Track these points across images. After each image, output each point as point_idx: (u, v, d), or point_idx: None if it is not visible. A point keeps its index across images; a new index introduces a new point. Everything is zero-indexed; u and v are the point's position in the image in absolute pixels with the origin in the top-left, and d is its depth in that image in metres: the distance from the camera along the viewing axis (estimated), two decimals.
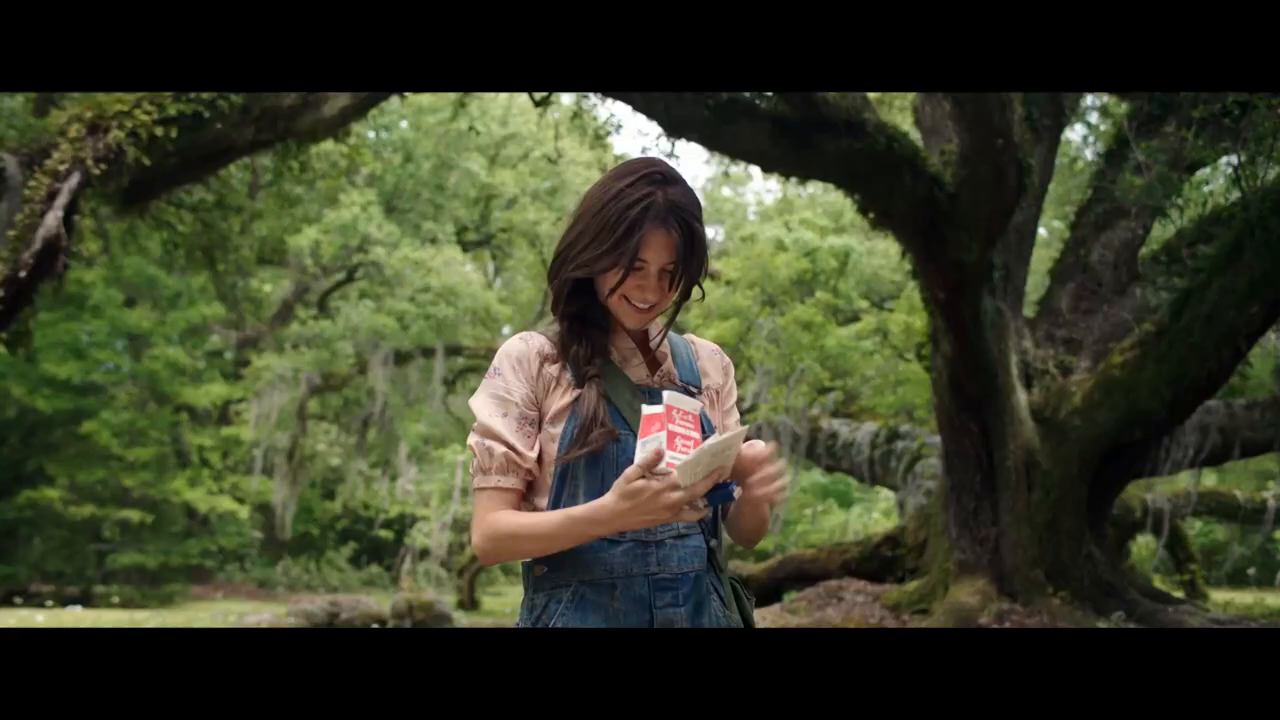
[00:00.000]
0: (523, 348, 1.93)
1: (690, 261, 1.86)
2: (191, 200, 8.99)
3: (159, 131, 5.91)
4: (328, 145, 9.41)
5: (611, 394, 1.88)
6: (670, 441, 1.71)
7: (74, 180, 5.56)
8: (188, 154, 7.10)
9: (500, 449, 1.86)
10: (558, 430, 1.87)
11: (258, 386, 18.58)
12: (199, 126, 6.52)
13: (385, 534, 25.66)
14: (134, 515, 20.41)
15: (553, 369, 1.90)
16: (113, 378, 20.93)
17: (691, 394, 1.96)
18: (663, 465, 1.69)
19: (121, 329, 20.90)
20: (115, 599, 19.24)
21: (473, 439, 1.90)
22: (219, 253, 10.47)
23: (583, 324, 1.93)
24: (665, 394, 1.75)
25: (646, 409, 1.76)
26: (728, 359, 2.10)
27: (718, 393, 2.04)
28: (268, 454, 19.85)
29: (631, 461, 1.75)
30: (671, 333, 2.05)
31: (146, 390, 21.00)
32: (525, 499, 1.90)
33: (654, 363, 1.99)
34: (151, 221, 8.77)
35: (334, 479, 24.38)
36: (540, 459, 1.89)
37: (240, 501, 22.38)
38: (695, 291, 1.96)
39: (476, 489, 1.89)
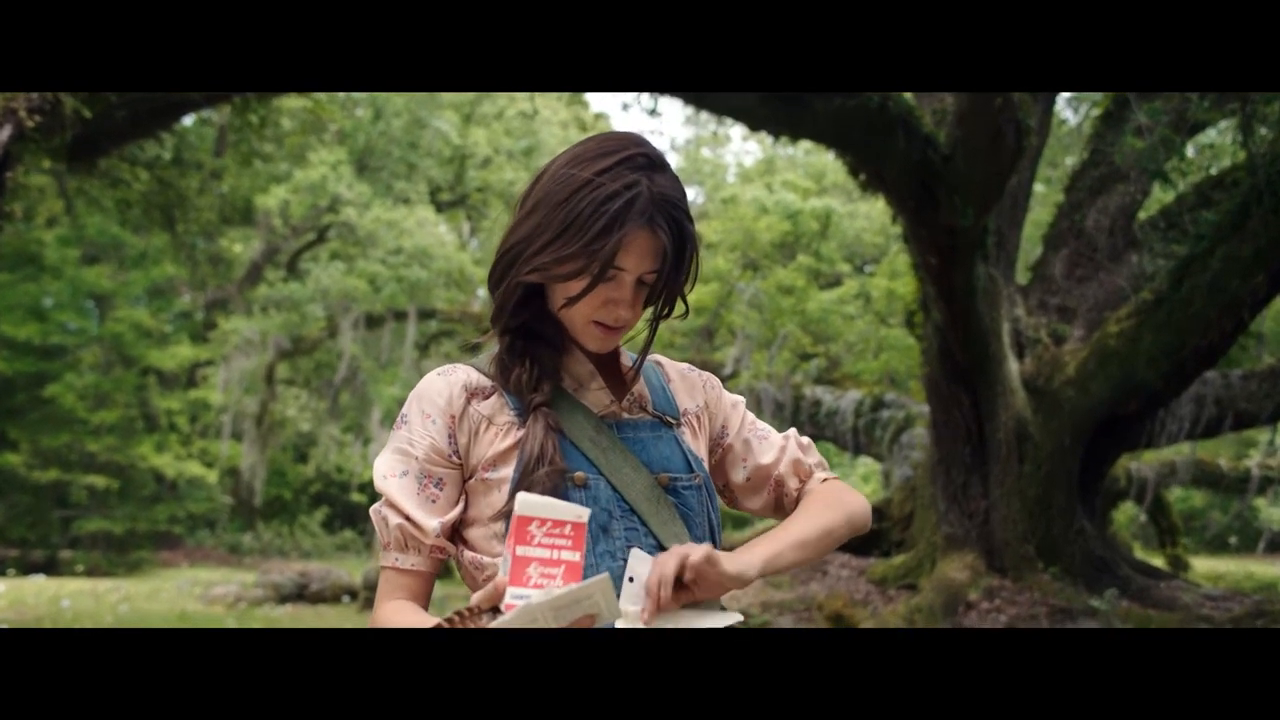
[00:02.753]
0: (438, 386, 1.51)
1: (678, 270, 1.45)
2: (147, 157, 8.49)
3: (95, 91, 5.44)
4: (292, 100, 8.94)
5: (568, 428, 1.47)
6: (517, 571, 1.25)
7: (5, 133, 5.11)
8: (137, 107, 6.63)
9: (396, 520, 1.47)
10: (503, 475, 1.46)
11: (225, 350, 18.10)
12: None
13: (359, 498, 25.32)
14: (100, 480, 19.96)
15: (483, 405, 1.49)
16: (74, 339, 20.40)
17: (669, 424, 1.56)
18: (503, 606, 1.25)
19: (82, 289, 20.36)
20: (80, 567, 18.84)
21: (374, 506, 1.51)
22: (178, 212, 9.98)
23: (527, 340, 1.52)
24: (519, 498, 1.28)
25: (520, 500, 1.29)
26: (706, 375, 1.69)
27: (697, 417, 1.63)
28: (236, 419, 19.41)
29: (607, 513, 1.40)
30: (634, 355, 1.63)
31: (111, 352, 20.49)
32: (473, 564, 1.50)
33: (620, 387, 1.58)
34: (104, 179, 8.28)
35: (306, 443, 23.99)
36: (469, 520, 1.50)
37: (209, 466, 21.95)
38: (678, 307, 1.53)
39: (380, 566, 1.52)
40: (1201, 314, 8.26)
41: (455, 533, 1.51)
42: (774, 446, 1.67)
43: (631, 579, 1.34)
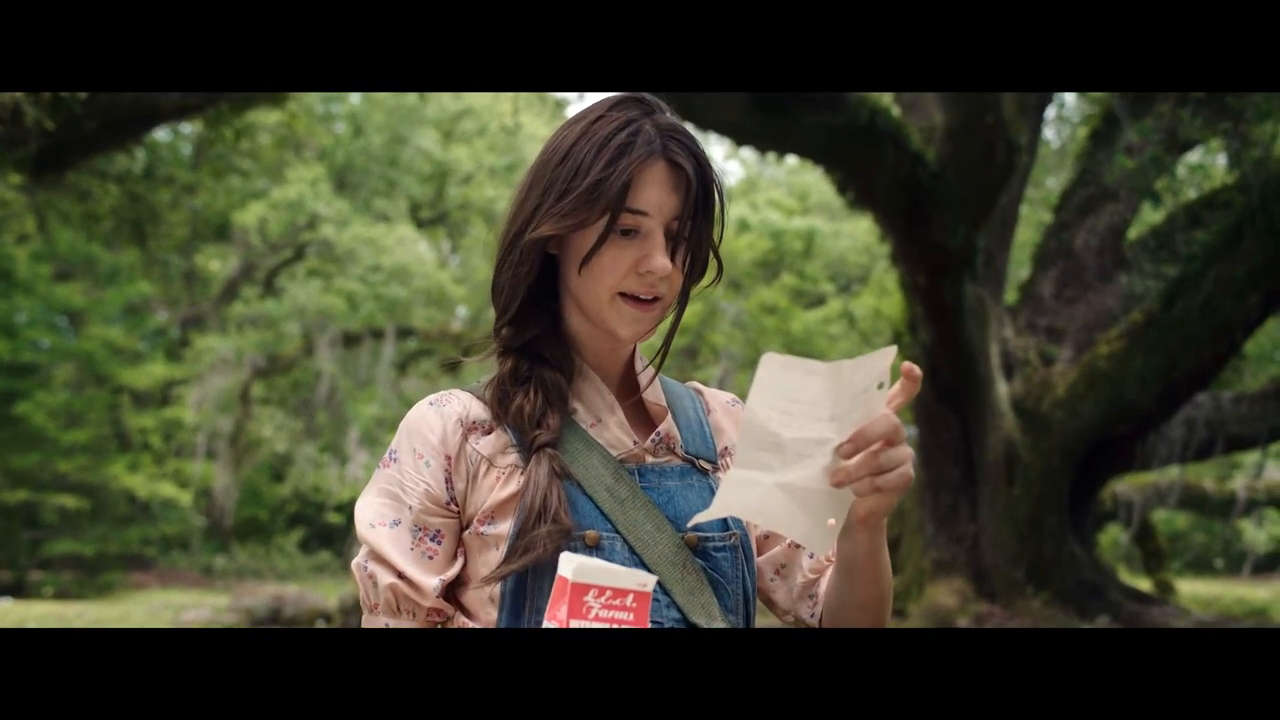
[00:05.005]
0: (430, 419, 1.25)
1: (704, 210, 1.21)
2: (117, 170, 8.25)
3: (64, 92, 5.21)
4: (268, 115, 8.74)
5: (581, 473, 1.22)
6: None
7: None
8: (106, 118, 6.42)
9: (387, 579, 1.22)
10: (500, 530, 1.21)
11: (199, 369, 17.81)
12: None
13: (336, 519, 24.98)
14: (71, 501, 19.57)
15: (483, 443, 1.24)
16: (46, 357, 20.05)
17: (704, 470, 1.30)
18: None
19: (55, 306, 20.04)
20: (48, 589, 18.44)
21: (356, 560, 1.26)
22: (149, 227, 9.71)
23: (532, 363, 1.26)
24: (565, 560, 1.07)
25: (564, 562, 1.07)
26: None
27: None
28: (211, 438, 19.09)
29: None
30: (670, 380, 1.37)
31: (84, 370, 20.15)
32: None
33: (644, 422, 1.31)
34: (72, 193, 8.04)
35: (282, 463, 23.67)
36: (461, 579, 1.25)
37: (183, 487, 21.58)
38: (709, 273, 1.28)
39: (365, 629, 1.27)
40: (1193, 335, 8.14)
41: (448, 592, 1.27)
42: None
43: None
